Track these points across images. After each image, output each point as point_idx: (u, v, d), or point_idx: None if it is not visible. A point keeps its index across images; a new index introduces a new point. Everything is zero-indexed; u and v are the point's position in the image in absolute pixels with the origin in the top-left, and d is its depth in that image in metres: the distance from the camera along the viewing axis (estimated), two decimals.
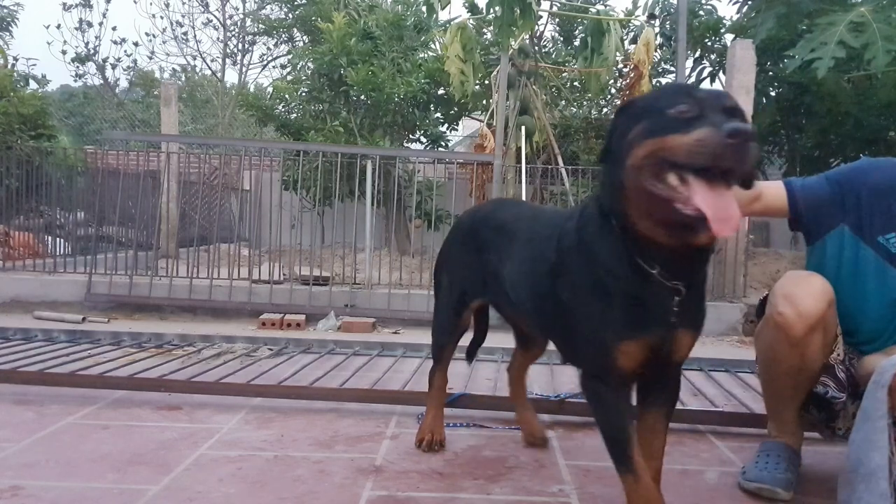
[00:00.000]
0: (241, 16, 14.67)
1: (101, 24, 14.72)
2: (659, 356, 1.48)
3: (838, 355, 1.79)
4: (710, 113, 1.27)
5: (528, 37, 6.65)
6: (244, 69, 15.15)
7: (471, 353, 2.40)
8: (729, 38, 7.62)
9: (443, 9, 6.04)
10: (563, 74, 8.37)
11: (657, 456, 1.60)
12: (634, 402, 1.62)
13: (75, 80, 15.59)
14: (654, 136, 1.30)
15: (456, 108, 8.31)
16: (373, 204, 5.64)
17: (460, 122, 9.36)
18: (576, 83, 8.59)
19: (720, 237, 1.27)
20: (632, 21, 7.61)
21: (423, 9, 6.82)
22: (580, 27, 8.39)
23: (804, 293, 1.72)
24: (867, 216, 1.76)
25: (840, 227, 1.81)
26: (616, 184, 1.39)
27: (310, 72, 8.10)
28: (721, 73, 7.96)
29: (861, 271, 1.79)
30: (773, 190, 1.88)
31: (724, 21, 8.05)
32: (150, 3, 20.92)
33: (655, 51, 7.52)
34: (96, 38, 14.74)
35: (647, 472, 1.51)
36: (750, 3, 7.27)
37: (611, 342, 1.46)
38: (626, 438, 1.48)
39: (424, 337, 3.85)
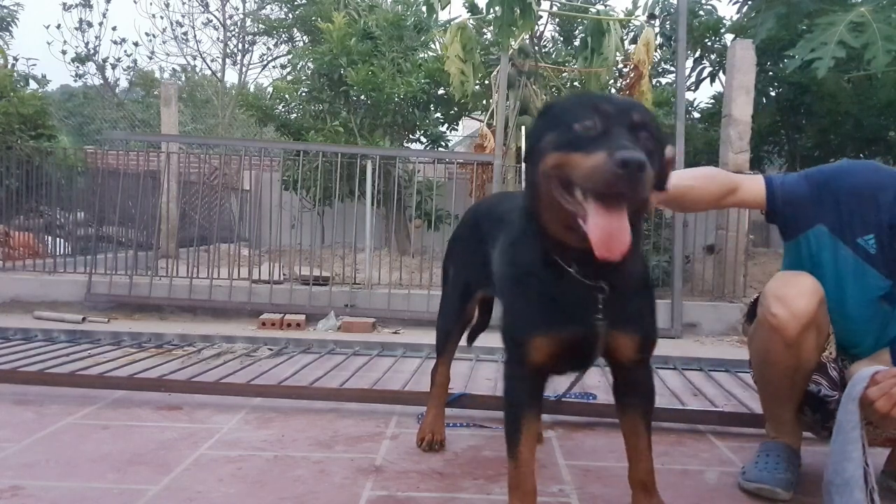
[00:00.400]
0: (241, 16, 14.68)
1: (101, 24, 14.74)
2: (583, 354, 1.52)
3: (830, 353, 1.80)
4: (616, 129, 1.29)
5: (528, 37, 6.65)
6: (244, 69, 15.17)
7: (471, 337, 2.42)
8: (729, 38, 7.62)
9: (443, 9, 6.03)
10: (564, 74, 8.36)
11: (644, 457, 1.62)
12: (615, 405, 1.66)
13: (75, 80, 15.62)
14: (560, 150, 1.32)
15: (456, 108, 8.31)
16: (373, 204, 5.64)
17: (460, 122, 9.36)
18: (576, 83, 8.58)
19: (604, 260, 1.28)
20: (632, 21, 7.61)
21: (423, 9, 6.82)
22: (580, 27, 8.39)
23: (796, 293, 1.72)
24: (846, 217, 1.75)
25: (818, 226, 1.80)
26: (532, 186, 1.44)
27: (310, 72, 8.10)
28: (721, 73, 7.96)
29: (840, 272, 1.79)
30: (751, 184, 1.88)
31: (724, 21, 8.05)
32: (150, 3, 20.95)
33: (655, 51, 7.52)
34: (96, 38, 14.75)
35: (531, 463, 1.54)
36: (750, 3, 7.27)
37: (524, 335, 1.50)
38: (518, 428, 1.52)
39: (424, 337, 3.85)
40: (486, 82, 7.19)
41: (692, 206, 1.90)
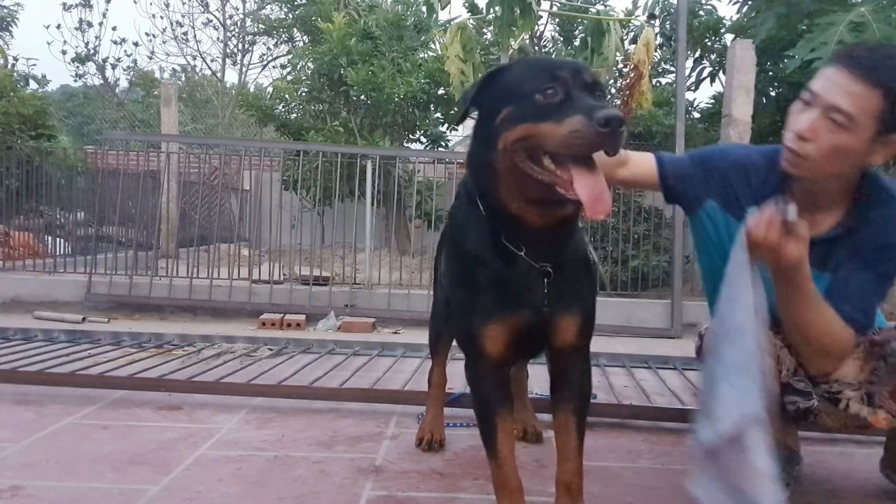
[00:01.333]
0: (241, 16, 14.70)
1: (101, 24, 14.78)
2: (533, 340, 1.49)
3: (788, 370, 1.73)
4: (576, 93, 1.28)
5: (528, 37, 6.64)
6: (244, 69, 15.18)
7: None
8: (729, 38, 7.61)
9: (443, 9, 6.03)
10: None
11: (572, 457, 1.52)
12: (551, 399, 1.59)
13: (75, 80, 15.63)
14: (526, 121, 1.29)
15: (456, 108, 8.30)
16: (373, 204, 5.64)
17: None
18: None
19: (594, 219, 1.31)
20: (632, 21, 7.60)
21: (423, 9, 6.81)
22: (580, 27, 8.40)
23: None
24: (732, 191, 1.75)
25: (708, 201, 1.79)
26: (485, 165, 1.38)
27: (310, 72, 8.10)
28: (721, 73, 7.96)
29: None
30: (641, 158, 1.85)
31: (724, 21, 8.05)
32: (150, 3, 21.00)
33: (655, 51, 7.51)
34: (96, 38, 14.80)
35: (511, 460, 1.50)
36: (750, 3, 7.27)
37: (478, 327, 1.46)
38: (492, 428, 1.49)
39: (424, 337, 3.83)
40: None
41: None
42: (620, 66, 7.40)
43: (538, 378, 3.15)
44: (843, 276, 1.62)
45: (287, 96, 8.25)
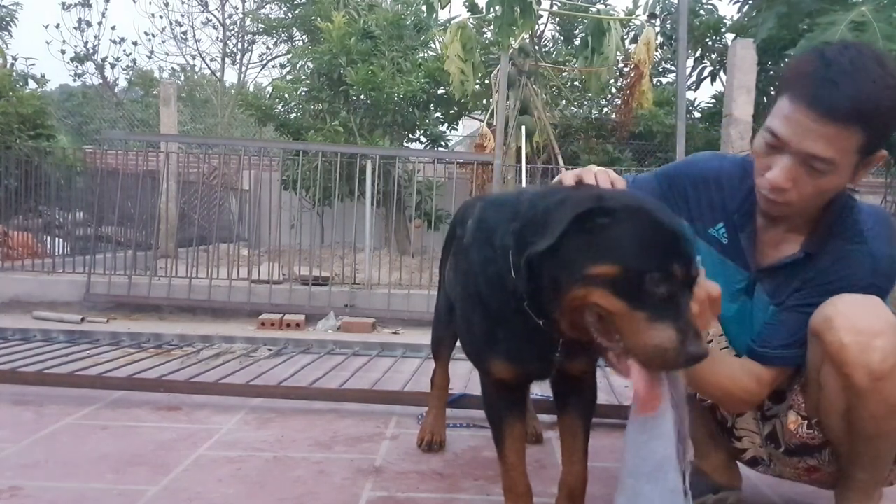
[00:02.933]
0: (241, 15, 14.71)
1: (100, 23, 14.84)
2: (543, 374, 1.49)
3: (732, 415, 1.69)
4: (680, 295, 1.15)
5: (528, 36, 6.65)
6: (243, 69, 15.20)
7: None
8: (730, 37, 7.61)
9: (443, 8, 6.05)
10: (564, 74, 8.37)
11: (577, 460, 1.52)
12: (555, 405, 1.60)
13: (74, 80, 15.64)
14: (617, 296, 1.14)
15: (456, 108, 8.31)
16: (373, 204, 5.63)
17: (460, 122, 9.37)
18: (576, 83, 8.60)
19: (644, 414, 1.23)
20: (632, 20, 7.61)
21: (423, 8, 6.81)
22: (580, 26, 8.39)
23: None
24: (696, 210, 1.62)
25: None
26: (551, 288, 1.23)
27: (309, 71, 8.10)
28: (722, 73, 7.96)
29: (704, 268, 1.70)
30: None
31: (725, 20, 8.05)
32: (150, 3, 20.88)
33: (656, 50, 7.52)
34: (95, 37, 14.77)
35: (519, 465, 1.51)
36: (751, 2, 7.27)
37: (486, 357, 1.46)
38: (501, 434, 1.50)
39: (424, 337, 3.83)
40: (486, 82, 7.20)
41: None
42: (621, 65, 7.41)
43: None
44: (784, 312, 1.50)
45: (286, 96, 8.24)
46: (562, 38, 9.27)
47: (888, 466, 1.52)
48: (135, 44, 15.97)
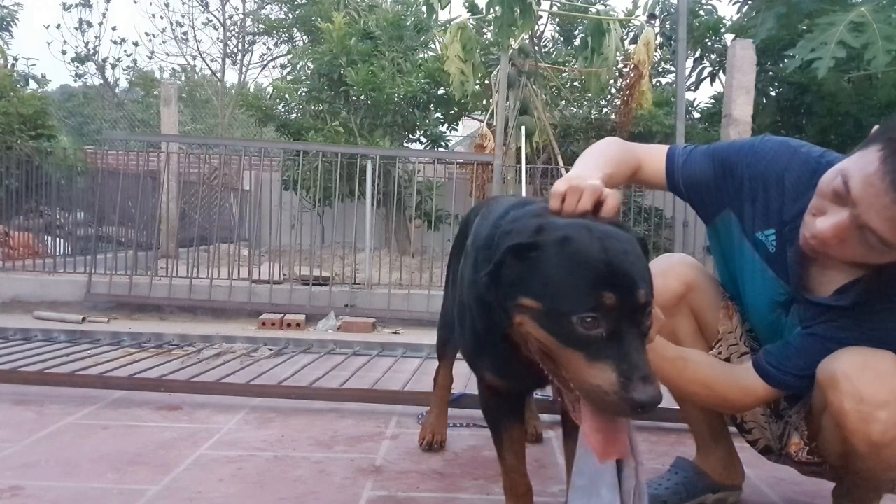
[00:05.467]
0: (241, 15, 14.69)
1: (100, 23, 14.78)
2: (538, 387, 1.52)
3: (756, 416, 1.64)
4: (621, 327, 1.06)
5: (528, 37, 6.65)
6: (244, 69, 15.18)
7: None
8: (729, 37, 7.62)
9: (443, 9, 6.04)
10: (564, 74, 8.37)
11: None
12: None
13: (75, 80, 15.65)
14: (551, 334, 1.09)
15: (456, 108, 8.32)
16: (373, 204, 5.64)
17: (460, 122, 9.38)
18: (576, 83, 8.60)
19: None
20: (632, 21, 7.62)
21: (423, 9, 6.82)
22: (580, 27, 8.40)
23: (659, 273, 1.46)
24: (748, 207, 1.49)
25: (727, 210, 1.54)
26: (500, 312, 1.22)
27: (310, 72, 8.11)
28: (721, 73, 7.97)
29: (741, 267, 1.55)
30: (654, 164, 1.60)
31: (725, 21, 8.06)
32: (150, 3, 20.92)
33: (656, 51, 7.52)
34: (96, 37, 14.80)
35: (519, 467, 1.53)
36: (750, 2, 7.27)
37: (479, 367, 1.47)
38: (499, 436, 1.52)
39: (424, 337, 3.85)
40: (486, 82, 7.21)
41: (621, 182, 1.59)
42: (621, 65, 7.41)
43: None
44: (808, 338, 1.42)
45: (287, 96, 8.25)
46: (561, 38, 9.27)
47: (888, 486, 1.50)
48: (135, 44, 15.98)
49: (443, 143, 8.53)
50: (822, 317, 1.41)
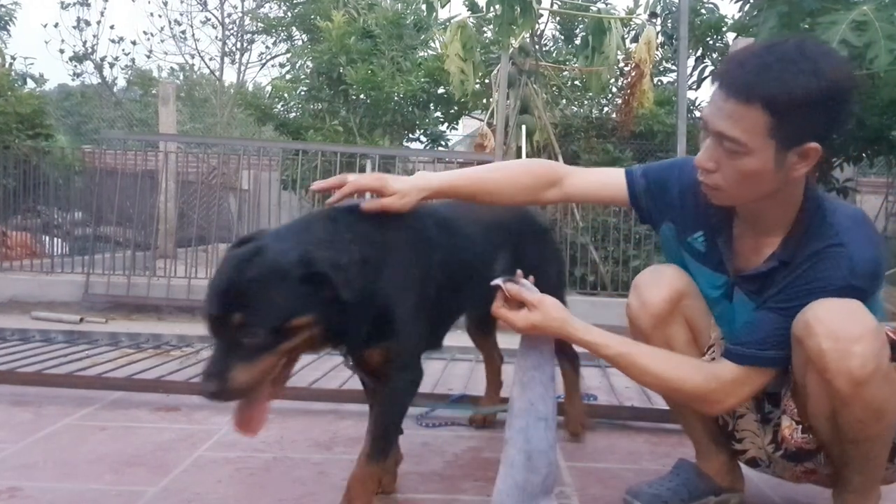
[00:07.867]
0: (240, 14, 14.70)
1: (98, 22, 14.71)
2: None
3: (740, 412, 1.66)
4: (218, 342, 1.44)
5: (528, 35, 6.63)
6: (243, 68, 15.20)
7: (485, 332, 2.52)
8: (731, 36, 7.60)
9: (442, 7, 6.02)
10: (564, 73, 8.36)
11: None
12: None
13: (73, 79, 15.62)
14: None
15: (456, 108, 8.30)
16: None
17: (460, 122, 9.35)
18: (577, 82, 8.58)
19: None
20: (633, 20, 7.60)
21: (423, 7, 6.80)
22: (581, 26, 8.39)
23: (650, 283, 1.65)
24: (680, 218, 1.63)
25: (666, 223, 1.68)
26: None
27: (309, 70, 8.10)
28: None
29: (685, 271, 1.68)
30: (614, 181, 1.72)
31: (726, 20, 8.04)
32: (149, 2, 21.01)
33: (657, 49, 7.50)
34: (94, 36, 14.74)
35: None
36: (752, 1, 7.25)
37: None
38: None
39: None
40: (486, 81, 7.18)
41: (490, 199, 1.72)
42: (622, 64, 7.39)
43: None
44: (763, 311, 1.49)
45: (286, 95, 8.23)
46: (562, 37, 9.27)
47: (882, 466, 1.52)
48: (133, 43, 15.93)
49: (443, 143, 8.52)
50: (765, 291, 1.49)
